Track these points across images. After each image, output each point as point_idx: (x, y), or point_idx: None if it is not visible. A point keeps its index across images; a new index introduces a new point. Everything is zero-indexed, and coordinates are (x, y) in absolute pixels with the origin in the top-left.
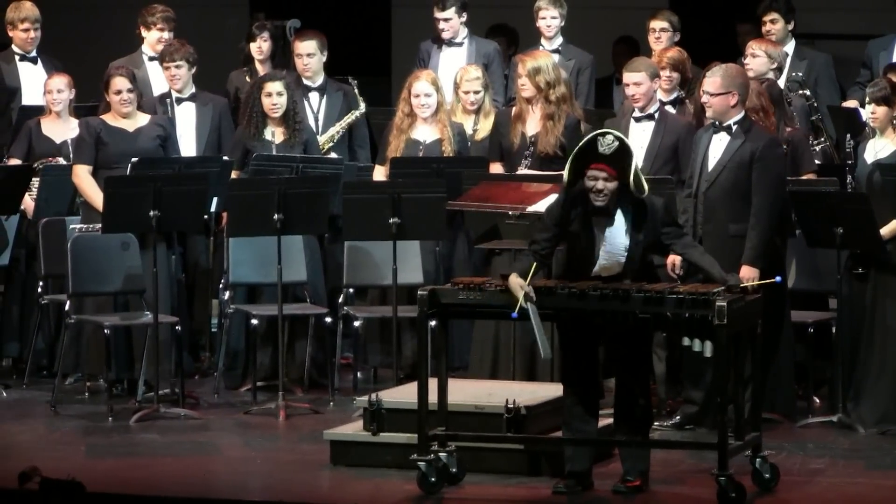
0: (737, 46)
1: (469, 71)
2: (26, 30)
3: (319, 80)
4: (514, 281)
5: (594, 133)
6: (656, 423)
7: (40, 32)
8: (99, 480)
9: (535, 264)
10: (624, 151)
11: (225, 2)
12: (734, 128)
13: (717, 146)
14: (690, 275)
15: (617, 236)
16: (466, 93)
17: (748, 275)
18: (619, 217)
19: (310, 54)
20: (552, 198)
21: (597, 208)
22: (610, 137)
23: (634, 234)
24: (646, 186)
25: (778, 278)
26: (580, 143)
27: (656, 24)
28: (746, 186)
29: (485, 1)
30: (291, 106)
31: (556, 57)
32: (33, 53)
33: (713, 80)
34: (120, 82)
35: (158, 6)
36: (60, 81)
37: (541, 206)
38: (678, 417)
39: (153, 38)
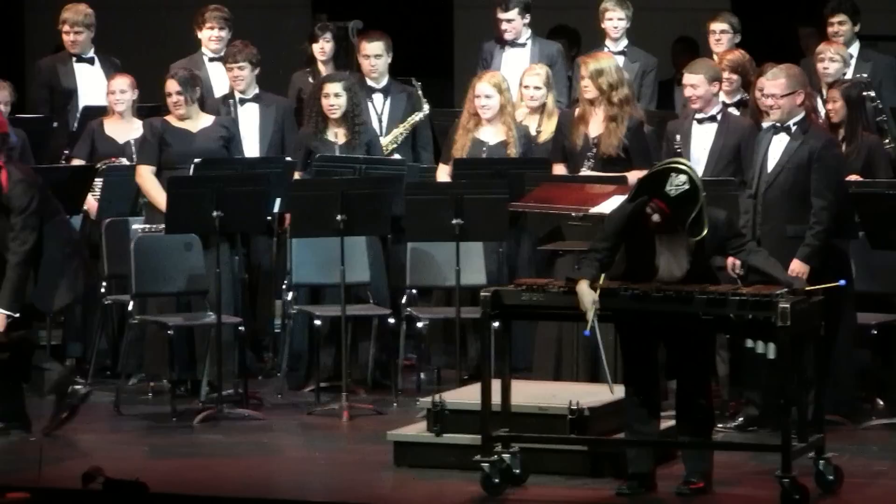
0: (798, 48)
1: (534, 68)
2: (67, 32)
3: (384, 81)
4: (586, 295)
5: (670, 164)
6: (719, 425)
7: (84, 36)
8: (162, 481)
9: (602, 275)
10: (689, 199)
11: (286, 3)
12: (793, 128)
13: (777, 147)
14: (750, 274)
15: (678, 253)
16: (527, 87)
17: (798, 269)
18: (682, 235)
19: (377, 55)
20: (615, 199)
21: None
22: (682, 178)
23: (696, 251)
24: (705, 229)
25: (842, 281)
26: (654, 168)
27: (716, 27)
28: (805, 187)
29: (545, 2)
30: (351, 107)
31: (620, 59)
32: (90, 54)
33: (779, 81)
34: (170, 84)
35: (211, 5)
36: (123, 82)
37: (603, 207)
38: (741, 419)
39: (205, 37)
